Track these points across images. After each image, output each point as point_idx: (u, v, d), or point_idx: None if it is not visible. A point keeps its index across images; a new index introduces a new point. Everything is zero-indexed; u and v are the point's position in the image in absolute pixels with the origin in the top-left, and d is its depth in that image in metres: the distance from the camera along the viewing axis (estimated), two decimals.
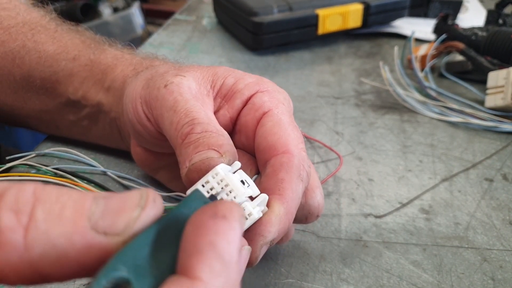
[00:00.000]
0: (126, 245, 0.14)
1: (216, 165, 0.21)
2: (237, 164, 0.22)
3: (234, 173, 0.22)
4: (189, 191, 0.20)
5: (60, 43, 0.35)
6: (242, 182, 0.21)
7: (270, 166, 0.24)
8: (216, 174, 0.20)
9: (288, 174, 0.23)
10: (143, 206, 0.15)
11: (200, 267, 0.13)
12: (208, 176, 0.20)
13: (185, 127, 0.23)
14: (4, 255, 0.13)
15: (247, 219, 0.20)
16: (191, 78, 0.26)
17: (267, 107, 0.26)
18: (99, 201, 0.14)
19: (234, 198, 0.20)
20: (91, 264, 0.13)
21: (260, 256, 0.21)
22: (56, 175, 0.34)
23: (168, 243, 0.15)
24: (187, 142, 0.23)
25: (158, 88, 0.26)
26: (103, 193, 0.15)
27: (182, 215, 0.15)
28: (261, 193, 0.22)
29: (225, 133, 0.24)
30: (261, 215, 0.21)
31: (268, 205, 0.22)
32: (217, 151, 0.22)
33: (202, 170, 0.21)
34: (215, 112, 0.27)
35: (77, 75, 0.34)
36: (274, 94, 0.27)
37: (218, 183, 0.20)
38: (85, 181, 0.34)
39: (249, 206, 0.20)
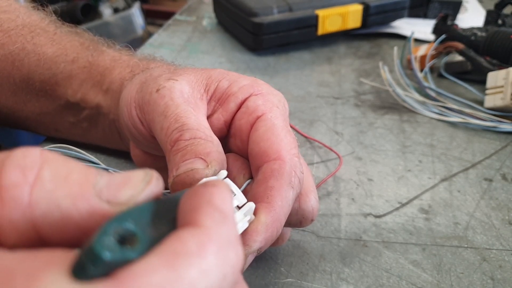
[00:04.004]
0: (130, 208, 0.14)
1: (201, 177, 0.21)
2: (223, 173, 0.22)
3: None
4: None
5: (59, 46, 0.35)
6: None
7: (261, 172, 0.23)
8: None
9: (278, 181, 0.23)
10: (148, 181, 0.15)
11: (202, 217, 0.14)
12: None
13: (174, 133, 0.23)
14: (7, 211, 0.13)
15: None
16: (184, 81, 0.26)
17: (260, 111, 0.26)
18: (103, 175, 0.15)
19: None
20: (91, 231, 0.14)
21: (247, 265, 0.21)
22: None
23: (166, 218, 0.15)
24: (175, 149, 0.23)
25: (150, 92, 0.25)
26: (107, 172, 0.15)
27: (177, 198, 0.16)
28: (248, 201, 0.22)
29: (215, 138, 0.24)
30: (246, 226, 0.21)
31: (255, 213, 0.22)
32: (204, 160, 0.22)
33: (186, 183, 0.21)
34: (210, 116, 0.27)
35: (76, 77, 0.34)
36: (269, 97, 0.27)
37: None
38: None
39: None
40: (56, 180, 0.14)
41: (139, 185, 0.15)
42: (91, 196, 0.14)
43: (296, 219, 0.25)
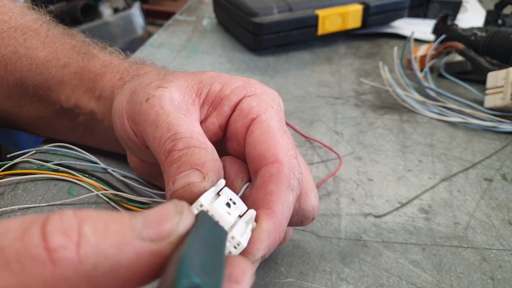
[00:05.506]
0: (185, 250, 0.14)
1: (199, 191, 0.21)
2: (221, 182, 0.22)
3: (219, 192, 0.21)
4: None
5: (50, 49, 0.34)
6: (228, 204, 0.21)
7: (259, 177, 0.23)
8: (201, 206, 0.20)
9: (277, 185, 0.22)
10: (181, 212, 0.16)
11: None
12: (193, 209, 0.20)
13: (168, 143, 0.23)
14: (60, 271, 0.13)
15: (236, 248, 0.20)
16: (174, 88, 0.25)
17: (255, 113, 0.25)
18: (136, 216, 0.15)
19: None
20: (144, 270, 0.14)
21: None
22: (58, 171, 0.35)
23: (211, 247, 0.15)
24: (170, 161, 0.22)
25: (140, 102, 0.25)
26: (136, 212, 0.16)
27: (222, 231, 0.17)
28: (249, 207, 0.21)
29: (209, 145, 0.23)
30: (249, 235, 0.21)
31: (256, 220, 0.21)
32: (200, 171, 0.21)
33: (185, 198, 0.21)
34: (204, 120, 0.26)
35: (68, 83, 0.33)
36: (262, 97, 0.26)
37: None
38: (87, 175, 0.34)
39: (237, 235, 0.20)
40: (97, 234, 0.14)
41: (175, 218, 0.15)
42: (133, 240, 0.14)
43: (297, 219, 0.25)
